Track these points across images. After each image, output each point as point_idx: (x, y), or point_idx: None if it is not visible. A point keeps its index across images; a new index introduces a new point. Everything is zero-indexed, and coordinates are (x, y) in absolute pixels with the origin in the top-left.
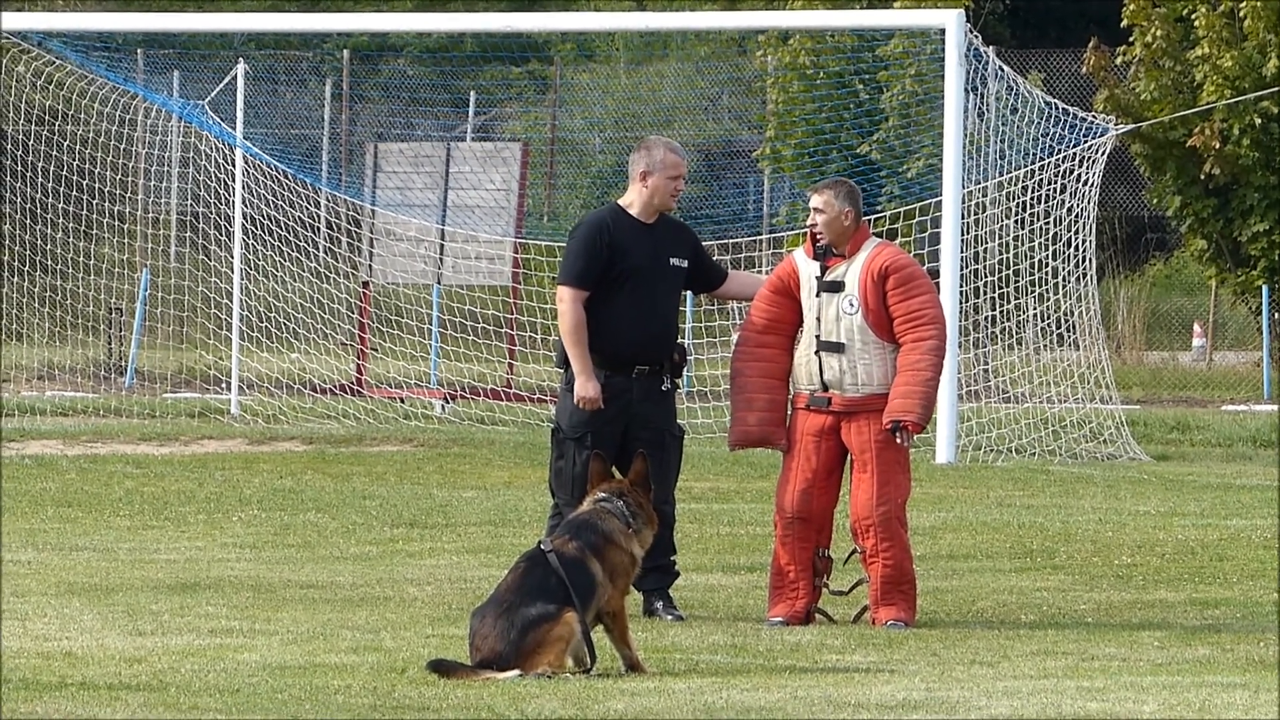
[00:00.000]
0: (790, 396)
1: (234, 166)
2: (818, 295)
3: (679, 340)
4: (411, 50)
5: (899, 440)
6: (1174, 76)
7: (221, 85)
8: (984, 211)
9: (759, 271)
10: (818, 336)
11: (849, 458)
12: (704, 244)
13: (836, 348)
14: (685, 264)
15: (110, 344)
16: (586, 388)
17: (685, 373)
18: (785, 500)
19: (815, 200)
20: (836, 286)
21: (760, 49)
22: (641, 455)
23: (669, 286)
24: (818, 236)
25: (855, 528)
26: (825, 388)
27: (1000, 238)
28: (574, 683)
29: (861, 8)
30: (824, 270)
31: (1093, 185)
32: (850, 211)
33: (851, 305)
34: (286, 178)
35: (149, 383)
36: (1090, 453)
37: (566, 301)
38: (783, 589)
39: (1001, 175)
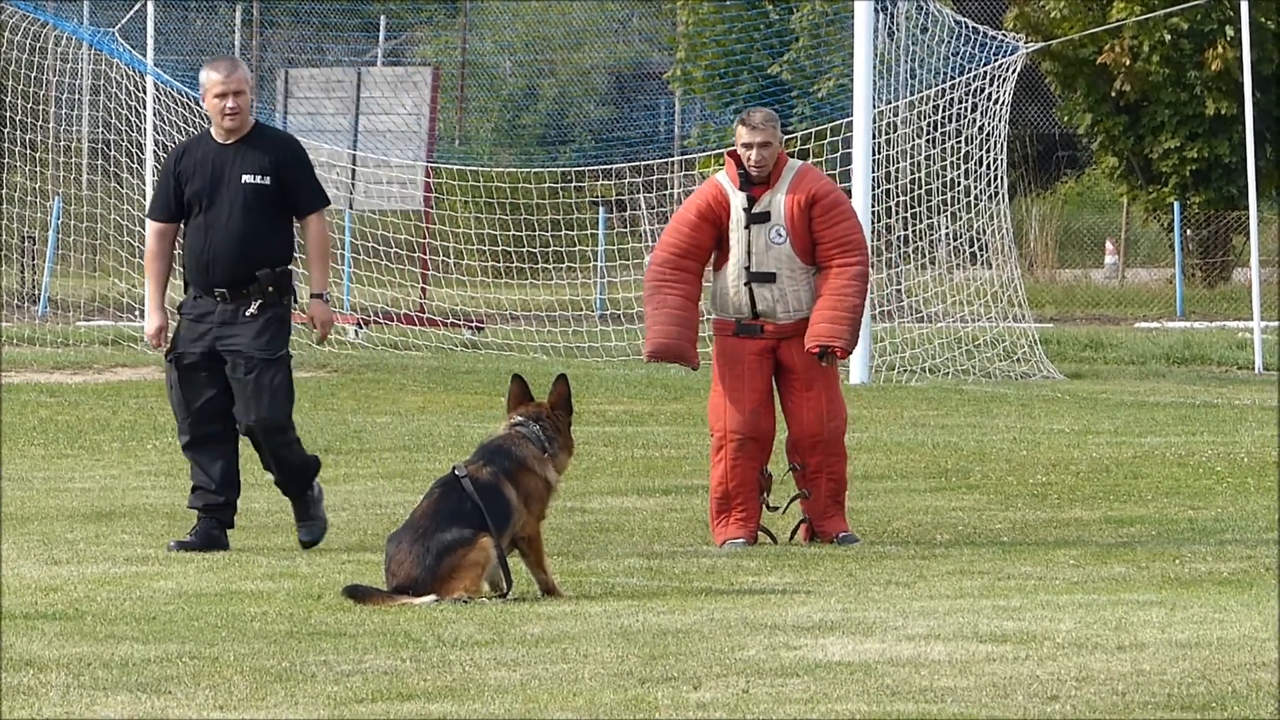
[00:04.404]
0: (707, 321)
1: (145, 94)
2: (746, 227)
3: (272, 262)
4: None
5: (825, 365)
6: None
7: (132, 12)
8: (895, 131)
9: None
10: (747, 268)
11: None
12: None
13: (768, 278)
14: (265, 180)
15: (23, 272)
16: (148, 322)
17: (288, 298)
18: (736, 422)
19: (757, 135)
20: (763, 217)
21: None
22: (562, 378)
23: (241, 206)
24: (752, 166)
25: (801, 444)
26: (757, 316)
27: (912, 157)
28: (490, 607)
29: None
30: (751, 201)
31: (1003, 104)
32: (782, 138)
33: (779, 235)
34: (198, 104)
35: (62, 311)
36: (1004, 371)
37: (148, 234)
38: (729, 512)
39: (912, 95)
